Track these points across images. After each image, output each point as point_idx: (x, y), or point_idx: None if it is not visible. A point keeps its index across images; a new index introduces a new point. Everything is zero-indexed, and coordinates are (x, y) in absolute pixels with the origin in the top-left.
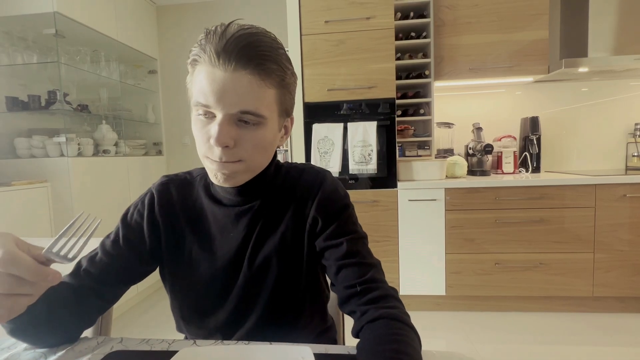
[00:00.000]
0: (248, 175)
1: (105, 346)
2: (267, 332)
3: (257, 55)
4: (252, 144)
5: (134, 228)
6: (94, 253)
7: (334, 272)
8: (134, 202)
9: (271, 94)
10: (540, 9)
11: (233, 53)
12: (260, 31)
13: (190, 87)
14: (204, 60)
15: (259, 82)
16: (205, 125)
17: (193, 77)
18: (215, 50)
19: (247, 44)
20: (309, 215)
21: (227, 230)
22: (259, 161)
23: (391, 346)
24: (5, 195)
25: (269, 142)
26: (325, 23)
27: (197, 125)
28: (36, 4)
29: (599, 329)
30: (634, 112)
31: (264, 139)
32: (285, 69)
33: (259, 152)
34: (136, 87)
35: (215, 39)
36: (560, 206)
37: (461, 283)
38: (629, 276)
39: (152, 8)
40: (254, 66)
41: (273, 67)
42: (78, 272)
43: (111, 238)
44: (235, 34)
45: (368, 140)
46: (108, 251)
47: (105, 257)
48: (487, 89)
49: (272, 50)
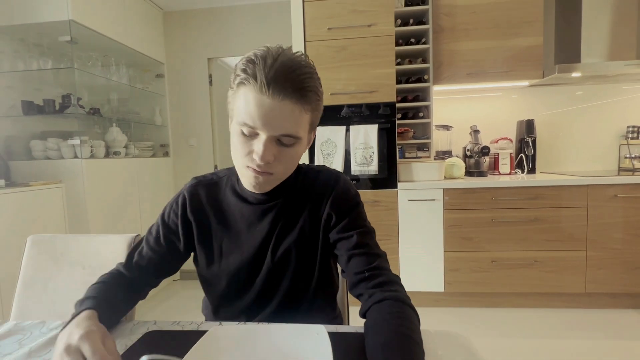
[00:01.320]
0: (274, 184)
1: (141, 328)
2: (286, 316)
3: (300, 87)
4: (286, 161)
5: (170, 226)
6: (140, 247)
7: (345, 261)
8: (169, 202)
9: (307, 117)
10: (534, 17)
11: (279, 84)
12: (302, 60)
13: (233, 104)
14: (252, 87)
15: (300, 109)
16: (248, 140)
17: (237, 96)
18: (265, 80)
19: (293, 77)
20: (324, 211)
21: (254, 225)
22: (286, 174)
23: (395, 322)
24: (24, 195)
25: (299, 156)
26: (328, 30)
27: (240, 139)
28: (52, 12)
29: (592, 324)
30: (626, 115)
31: (297, 154)
32: (320, 94)
33: (289, 166)
34: (144, 90)
35: (266, 69)
36: (554, 206)
37: (459, 280)
38: (620, 273)
39: (159, 14)
40: (298, 97)
41: (311, 96)
42: (130, 264)
43: (153, 235)
44: (283, 67)
45: (369, 142)
46: (152, 246)
47: (150, 252)
48: (484, 92)
49: (312, 80)
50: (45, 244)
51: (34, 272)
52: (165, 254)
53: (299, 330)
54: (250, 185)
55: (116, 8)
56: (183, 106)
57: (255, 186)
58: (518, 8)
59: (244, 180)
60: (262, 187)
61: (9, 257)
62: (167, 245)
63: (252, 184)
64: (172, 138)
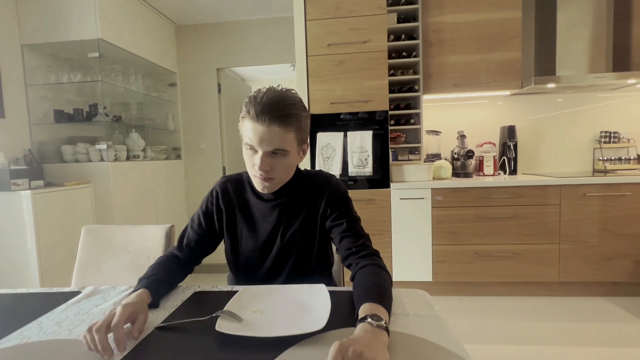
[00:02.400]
0: (278, 186)
1: (189, 290)
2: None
3: (282, 115)
4: (281, 168)
5: (208, 214)
6: (187, 232)
7: (338, 241)
8: (206, 195)
9: (291, 135)
10: (513, 33)
11: (266, 115)
12: (284, 94)
13: (242, 130)
14: (249, 118)
15: (283, 130)
16: (252, 155)
17: (242, 125)
18: (255, 113)
19: (275, 109)
20: (321, 205)
21: (266, 216)
22: (285, 177)
23: (373, 277)
24: (60, 194)
25: (292, 165)
26: (327, 46)
27: (247, 155)
28: (83, 32)
29: (565, 310)
30: (600, 121)
31: (288, 163)
32: (300, 117)
33: (285, 172)
34: (158, 98)
35: (256, 105)
36: (531, 204)
37: (446, 271)
38: (590, 264)
39: (172, 28)
40: (280, 122)
41: (292, 120)
42: (182, 246)
43: (196, 222)
44: (268, 102)
45: (365, 147)
46: (195, 230)
47: (195, 235)
48: (471, 100)
49: (292, 108)
50: (97, 232)
51: (88, 255)
52: (206, 234)
53: (306, 287)
54: (260, 189)
55: (135, 25)
56: (194, 112)
57: (263, 189)
58: (499, 26)
59: (255, 185)
60: (268, 189)
61: (54, 244)
62: (207, 227)
63: (260, 188)
64: (184, 142)
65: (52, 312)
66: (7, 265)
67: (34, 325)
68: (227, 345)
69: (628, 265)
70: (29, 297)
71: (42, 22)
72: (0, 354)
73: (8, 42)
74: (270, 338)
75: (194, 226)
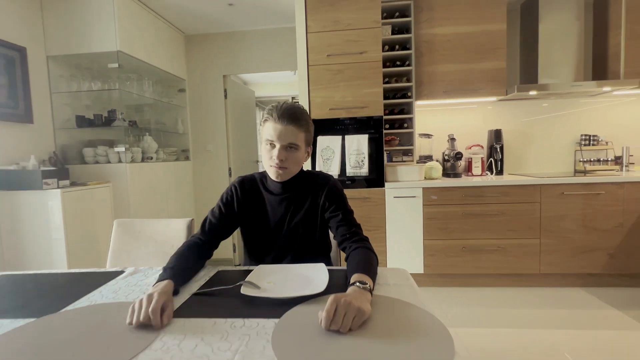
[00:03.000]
0: (289, 176)
1: (213, 270)
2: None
3: (296, 118)
4: (293, 160)
5: (227, 205)
6: (208, 220)
7: (335, 229)
8: (226, 190)
9: (302, 135)
10: (498, 45)
11: (285, 117)
12: (297, 105)
13: (262, 131)
14: (271, 119)
15: (296, 129)
16: (270, 150)
17: (265, 126)
18: (277, 115)
19: (292, 113)
20: (321, 199)
21: (275, 208)
22: (294, 170)
23: (362, 256)
24: (84, 192)
25: (300, 159)
26: (327, 56)
27: (265, 150)
28: (104, 44)
29: (545, 299)
30: (581, 125)
31: (298, 157)
32: (308, 123)
33: (295, 164)
34: (169, 103)
35: (278, 111)
36: (514, 201)
37: (436, 263)
38: (569, 257)
39: (181, 37)
40: (294, 123)
41: (302, 122)
42: (204, 230)
43: (216, 211)
44: (287, 108)
45: (361, 149)
46: (216, 217)
47: (215, 221)
48: (460, 105)
49: (303, 114)
50: (127, 225)
51: (120, 244)
52: (225, 221)
53: (309, 265)
54: (274, 176)
55: (149, 36)
56: (201, 116)
57: (277, 177)
58: (485, 38)
59: (270, 173)
60: (281, 177)
61: (79, 236)
62: (226, 215)
63: (275, 176)
64: (192, 144)
65: (106, 285)
66: (39, 255)
67: (96, 293)
68: (250, 305)
69: (602, 258)
70: (83, 275)
71: (66, 35)
72: (81, 310)
73: (35, 54)
74: (282, 299)
75: (215, 214)
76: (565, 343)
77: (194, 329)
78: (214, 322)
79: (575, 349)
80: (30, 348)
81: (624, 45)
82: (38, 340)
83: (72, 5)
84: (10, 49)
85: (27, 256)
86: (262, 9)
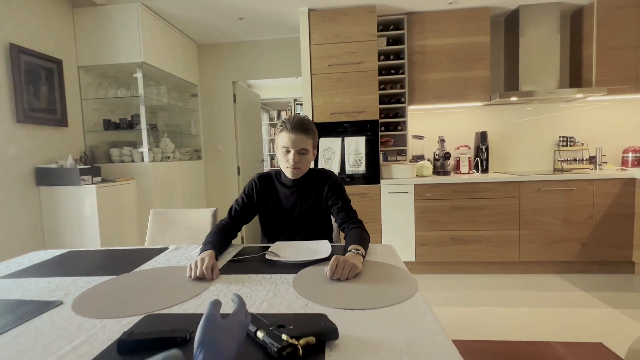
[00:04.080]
0: (302, 174)
1: (239, 247)
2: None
3: (305, 129)
4: (304, 162)
5: (249, 196)
6: (234, 207)
7: (336, 214)
8: (247, 184)
9: (310, 141)
10: (483, 55)
11: (297, 128)
12: (305, 118)
13: (278, 139)
14: (286, 130)
15: (306, 137)
16: (286, 154)
17: (280, 135)
18: (291, 127)
19: (302, 125)
20: (324, 191)
21: (288, 197)
22: (305, 168)
23: (357, 233)
24: (113, 188)
25: (310, 160)
26: (328, 66)
27: (281, 154)
28: (129, 56)
29: (524, 284)
30: (559, 128)
31: (308, 159)
32: (314, 131)
33: (306, 164)
34: (183, 107)
35: (291, 123)
36: (496, 197)
37: (426, 252)
38: (545, 246)
39: (194, 46)
40: (304, 132)
41: (310, 132)
42: (231, 215)
43: (239, 200)
44: (297, 121)
45: (359, 150)
46: (239, 204)
47: (239, 209)
48: (449, 110)
49: (310, 125)
50: (161, 214)
51: (156, 229)
52: (247, 208)
53: (315, 241)
54: (290, 175)
55: (166, 46)
56: (212, 119)
57: (292, 175)
58: (471, 49)
59: (287, 173)
60: (296, 175)
61: (111, 226)
62: (248, 204)
63: (291, 175)
64: (204, 145)
65: (158, 256)
66: (77, 243)
67: (152, 261)
68: (273, 266)
69: (575, 247)
70: (137, 250)
71: (95, 48)
72: (148, 270)
73: (69, 65)
74: (298, 261)
75: (239, 203)
76: (538, 318)
77: (235, 280)
78: (249, 276)
79: (547, 323)
80: (119, 291)
81: (595, 56)
82: (123, 287)
83: (101, 21)
84: (50, 62)
85: (65, 243)
86: (269, 21)
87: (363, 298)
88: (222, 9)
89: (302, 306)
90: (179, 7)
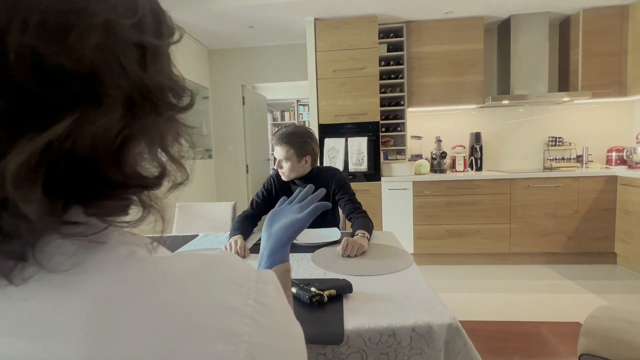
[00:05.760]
0: (289, 177)
1: (258, 235)
2: None
3: (285, 141)
4: (287, 168)
5: (268, 190)
6: (255, 200)
7: (343, 206)
8: (266, 179)
9: (291, 151)
10: (476, 61)
11: (277, 139)
12: (290, 130)
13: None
14: (274, 141)
15: (286, 148)
16: (278, 162)
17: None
18: (275, 139)
19: (282, 138)
20: (331, 187)
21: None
22: (292, 173)
23: (362, 221)
24: None
25: (292, 168)
26: (333, 71)
27: (275, 161)
28: None
29: (515, 274)
30: (549, 128)
31: (290, 167)
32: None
33: (291, 170)
34: (195, 109)
35: (276, 136)
36: (489, 193)
37: (424, 245)
38: (534, 239)
39: (205, 51)
40: (282, 145)
41: (287, 144)
42: (252, 206)
43: (259, 194)
44: (279, 134)
45: (361, 149)
46: (259, 197)
47: (259, 201)
48: (446, 112)
49: (290, 137)
50: (186, 207)
51: (182, 221)
52: (266, 200)
53: (327, 229)
54: (282, 177)
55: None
56: (222, 120)
57: (283, 178)
58: (466, 55)
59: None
60: (285, 178)
61: None
62: (267, 196)
63: (282, 177)
64: (214, 144)
65: (191, 242)
66: None
67: (187, 246)
68: (292, 248)
69: (562, 240)
70: (170, 237)
71: None
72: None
73: None
74: (314, 244)
75: (259, 196)
76: (527, 304)
77: None
78: None
79: (535, 308)
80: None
81: (581, 62)
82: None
83: None
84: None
85: None
86: (277, 29)
87: (369, 268)
88: (234, 19)
89: (321, 274)
90: (192, 16)
